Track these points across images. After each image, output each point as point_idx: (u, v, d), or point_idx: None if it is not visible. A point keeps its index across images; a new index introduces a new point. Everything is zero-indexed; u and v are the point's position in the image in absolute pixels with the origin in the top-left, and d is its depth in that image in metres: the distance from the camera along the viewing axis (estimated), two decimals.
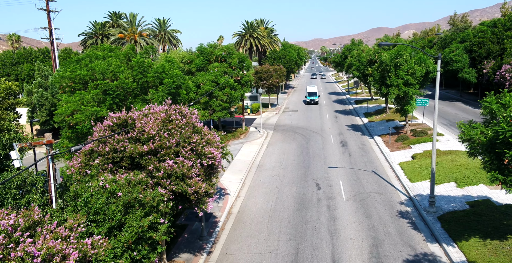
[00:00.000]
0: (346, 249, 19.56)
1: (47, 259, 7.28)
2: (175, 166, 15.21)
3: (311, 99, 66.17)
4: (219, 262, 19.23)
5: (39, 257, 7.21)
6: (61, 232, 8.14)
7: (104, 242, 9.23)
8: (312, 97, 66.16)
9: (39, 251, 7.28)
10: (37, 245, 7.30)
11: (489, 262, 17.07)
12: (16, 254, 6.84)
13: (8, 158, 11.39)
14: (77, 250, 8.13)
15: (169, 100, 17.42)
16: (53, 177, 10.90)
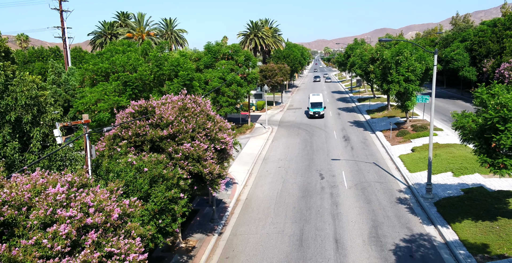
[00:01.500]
0: (347, 230, 21.04)
1: (99, 209, 8.80)
2: (191, 149, 16.76)
3: (315, 111, 53.18)
4: (229, 241, 20.75)
5: (93, 207, 8.74)
6: (105, 193, 9.67)
7: (139, 204, 10.76)
8: (316, 109, 53.33)
9: (93, 202, 8.81)
10: (89, 198, 8.84)
11: (479, 240, 18.50)
12: (76, 203, 8.37)
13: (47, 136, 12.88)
14: (119, 207, 9.65)
15: (184, 91, 18.98)
16: (89, 153, 12.45)
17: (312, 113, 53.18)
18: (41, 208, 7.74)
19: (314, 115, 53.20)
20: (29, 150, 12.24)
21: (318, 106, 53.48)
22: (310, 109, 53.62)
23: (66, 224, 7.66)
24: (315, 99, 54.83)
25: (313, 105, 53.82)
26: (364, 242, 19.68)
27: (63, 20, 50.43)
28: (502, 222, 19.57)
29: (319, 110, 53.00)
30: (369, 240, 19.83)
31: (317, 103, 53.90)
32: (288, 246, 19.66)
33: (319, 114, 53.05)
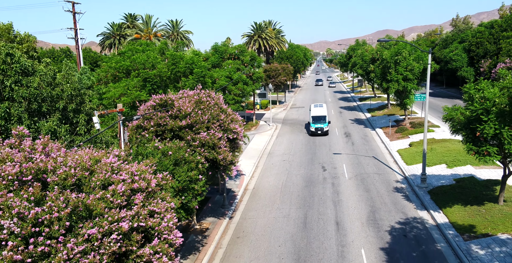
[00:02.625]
0: (347, 214, 22.95)
1: (142, 177, 10.73)
2: (207, 137, 18.71)
3: (318, 128, 42.72)
4: (239, 224, 22.69)
5: (137, 175, 10.69)
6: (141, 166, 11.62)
7: (170, 177, 12.70)
8: (319, 125, 42.85)
9: (137, 172, 10.75)
10: (134, 168, 10.79)
11: (467, 222, 20.39)
12: (124, 171, 10.32)
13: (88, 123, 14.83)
14: (155, 179, 11.60)
15: (199, 86, 20.97)
16: (122, 137, 14.39)
17: (313, 129, 42.84)
18: (100, 172, 9.69)
19: (315, 132, 42.76)
20: (76, 132, 14.21)
21: (321, 120, 43.29)
22: (311, 125, 43.23)
23: (121, 185, 9.62)
24: (318, 112, 44.24)
25: (315, 120, 43.44)
26: (363, 224, 21.59)
27: (75, 22, 52.44)
28: (488, 206, 21.46)
29: (323, 126, 42.63)
30: (367, 223, 21.75)
31: (320, 117, 43.48)
32: (293, 228, 21.59)
33: (323, 131, 42.52)
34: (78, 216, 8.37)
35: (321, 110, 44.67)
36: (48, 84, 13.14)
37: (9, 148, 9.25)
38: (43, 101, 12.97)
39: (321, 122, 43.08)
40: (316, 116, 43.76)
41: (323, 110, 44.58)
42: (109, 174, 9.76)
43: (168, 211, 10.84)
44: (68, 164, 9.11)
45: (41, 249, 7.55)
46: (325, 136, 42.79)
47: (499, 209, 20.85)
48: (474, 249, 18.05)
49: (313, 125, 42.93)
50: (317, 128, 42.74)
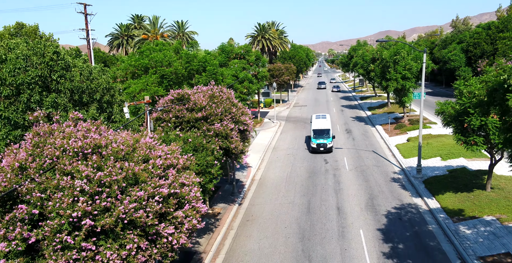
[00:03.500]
0: (347, 201, 24.92)
1: (172, 156, 12.71)
2: (221, 128, 20.70)
3: (320, 143, 35.98)
4: (248, 209, 24.68)
5: (169, 154, 12.67)
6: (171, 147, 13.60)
7: (193, 158, 14.69)
8: (321, 140, 36.22)
9: (169, 151, 12.74)
10: (166, 148, 12.78)
11: (457, 206, 22.33)
12: (157, 151, 12.31)
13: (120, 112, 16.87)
14: (181, 159, 13.57)
15: (213, 82, 22.97)
16: (149, 125, 16.36)
17: (315, 145, 35.87)
18: (141, 149, 11.68)
19: (317, 149, 35.82)
20: (112, 120, 16.21)
21: (324, 135, 36.42)
22: (312, 140, 36.35)
23: (159, 160, 11.62)
24: (320, 124, 37.62)
25: (316, 134, 36.70)
26: (361, 209, 23.56)
27: (87, 23, 54.50)
28: (476, 193, 23.40)
29: (325, 141, 35.78)
30: (365, 208, 23.71)
31: (323, 131, 36.74)
32: (298, 212, 23.56)
33: (326, 148, 35.63)
34: (128, 182, 10.37)
35: (323, 122, 38.15)
36: (86, 78, 15.13)
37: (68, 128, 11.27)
38: (83, 93, 14.96)
39: (323, 136, 36.26)
40: (317, 130, 36.95)
41: (326, 122, 38.07)
42: (148, 151, 11.76)
43: (194, 185, 12.84)
44: (118, 141, 11.12)
45: (104, 204, 9.54)
46: (329, 153, 36.09)
47: (486, 195, 22.79)
48: (462, 229, 19.99)
49: (314, 140, 36.31)
50: (319, 144, 35.83)
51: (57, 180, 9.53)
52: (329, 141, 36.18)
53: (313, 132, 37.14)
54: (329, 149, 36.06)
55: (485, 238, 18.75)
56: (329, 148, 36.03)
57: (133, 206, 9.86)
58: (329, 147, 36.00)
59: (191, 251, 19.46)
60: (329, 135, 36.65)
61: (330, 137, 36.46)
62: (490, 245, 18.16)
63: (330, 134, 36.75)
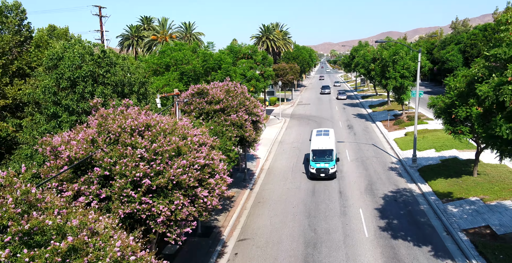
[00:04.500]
0: (349, 186, 27.59)
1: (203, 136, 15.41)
2: (236, 118, 23.41)
3: (321, 168, 28.62)
4: (259, 193, 27.38)
5: (201, 134, 15.38)
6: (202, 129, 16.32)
7: (218, 140, 17.40)
8: (322, 163, 28.81)
9: (201, 132, 15.45)
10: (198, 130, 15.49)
11: (446, 190, 24.97)
12: (192, 131, 15.02)
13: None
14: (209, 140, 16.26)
15: (228, 78, 25.70)
16: (177, 114, 19.05)
17: (314, 170, 28.62)
18: (180, 129, 14.40)
19: (317, 175, 28.53)
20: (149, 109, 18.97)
21: (326, 157, 29.04)
22: (311, 163, 28.96)
23: (195, 137, 14.35)
24: (321, 143, 30.17)
25: (316, 155, 29.28)
26: (361, 193, 26.24)
27: (102, 25, 57.40)
28: (464, 178, 26.04)
29: (327, 165, 28.49)
30: (365, 192, 26.39)
31: (324, 152, 29.34)
32: (304, 195, 26.25)
33: (327, 174, 28.40)
34: (173, 153, 13.09)
35: (325, 140, 30.48)
36: (127, 73, 17.83)
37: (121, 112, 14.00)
38: (124, 85, 17.65)
39: (325, 159, 28.87)
40: (318, 151, 29.45)
41: (329, 141, 30.42)
42: (185, 131, 14.50)
43: (221, 161, 15.56)
44: (163, 122, 13.86)
45: (158, 168, 12.27)
46: (331, 180, 28.63)
47: (473, 180, 25.43)
48: (449, 208, 22.64)
49: (314, 163, 28.71)
50: (319, 170, 28.35)
51: (122, 150, 12.26)
52: (331, 165, 28.45)
53: (312, 153, 29.46)
54: (331, 175, 28.38)
55: (469, 215, 21.40)
56: (331, 174, 28.36)
57: (179, 171, 12.58)
58: (331, 172, 28.35)
59: (211, 226, 22.18)
60: (332, 157, 28.96)
61: (333, 160, 28.79)
62: (472, 220, 20.81)
63: (333, 155, 29.05)
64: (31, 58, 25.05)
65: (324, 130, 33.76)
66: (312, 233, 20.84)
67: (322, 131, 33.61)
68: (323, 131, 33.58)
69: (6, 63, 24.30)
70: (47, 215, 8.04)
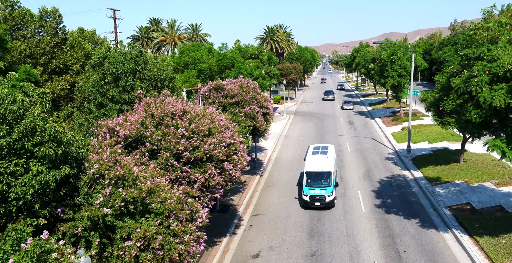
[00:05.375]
0: (349, 173, 30.69)
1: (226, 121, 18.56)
2: (249, 110, 26.55)
3: (316, 196, 23.79)
4: (268, 179, 30.50)
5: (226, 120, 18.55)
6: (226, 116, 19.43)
7: (237, 126, 20.55)
8: (317, 190, 23.92)
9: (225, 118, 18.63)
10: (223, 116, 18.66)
11: (436, 175, 28.02)
12: (218, 117, 18.16)
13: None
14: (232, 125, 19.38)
15: (241, 75, 28.84)
16: (201, 104, 22.15)
17: (307, 198, 23.94)
18: (209, 115, 17.53)
19: (311, 203, 23.87)
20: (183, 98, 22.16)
21: (323, 181, 24.37)
22: (304, 189, 24.21)
23: (222, 121, 17.49)
24: (317, 164, 25.37)
25: (311, 178, 24.74)
26: (360, 178, 29.33)
27: (116, 26, 60.68)
28: (452, 165, 29.10)
29: (323, 192, 23.75)
30: (363, 177, 29.49)
31: (321, 175, 24.74)
32: None
33: (323, 202, 23.66)
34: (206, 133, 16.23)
35: (323, 160, 25.49)
36: (159, 70, 20.95)
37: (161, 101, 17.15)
38: (157, 80, 20.80)
39: (321, 183, 24.12)
40: (312, 173, 24.76)
41: (327, 161, 25.45)
42: (213, 116, 17.66)
43: (241, 143, 18.70)
44: (196, 109, 17.03)
45: (195, 144, 15.40)
46: (328, 209, 23.85)
47: (459, 166, 28.50)
48: (437, 190, 25.72)
49: (307, 189, 23.99)
50: (313, 197, 23.65)
51: (166, 129, 15.41)
52: (329, 191, 23.62)
53: (305, 175, 24.73)
54: (328, 204, 23.55)
55: (453, 195, 24.48)
56: (328, 203, 23.51)
57: (211, 147, 15.71)
58: (328, 201, 23.48)
59: (228, 204, 25.32)
60: (330, 181, 24.14)
61: (331, 185, 23.89)
62: (456, 198, 23.90)
63: (331, 179, 24.20)
64: (66, 57, 28.29)
65: (322, 147, 28.20)
66: (315, 212, 23.95)
67: (320, 148, 28.08)
68: (321, 148, 28.05)
69: (46, 62, 27.58)
70: (127, 168, 11.20)
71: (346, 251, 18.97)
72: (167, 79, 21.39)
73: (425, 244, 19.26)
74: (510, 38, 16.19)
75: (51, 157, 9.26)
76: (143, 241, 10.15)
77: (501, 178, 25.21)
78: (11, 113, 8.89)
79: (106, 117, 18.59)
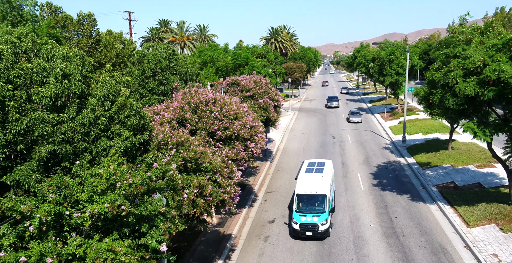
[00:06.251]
0: (350, 160, 34.40)
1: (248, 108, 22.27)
2: (262, 103, 30.28)
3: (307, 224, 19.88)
4: (278, 164, 34.23)
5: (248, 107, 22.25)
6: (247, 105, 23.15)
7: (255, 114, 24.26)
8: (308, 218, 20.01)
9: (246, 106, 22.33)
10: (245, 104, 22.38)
11: (426, 160, 31.69)
12: (242, 104, 21.88)
13: None
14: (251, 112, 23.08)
15: (254, 72, 32.59)
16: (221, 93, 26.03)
17: (298, 226, 20.14)
18: (234, 103, 21.24)
19: (302, 233, 20.03)
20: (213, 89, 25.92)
21: (317, 206, 20.75)
22: (294, 215, 20.56)
23: (244, 108, 21.20)
24: (310, 185, 21.52)
25: (303, 201, 21.04)
26: (360, 163, 33.05)
27: (131, 28, 64.53)
28: (441, 152, 32.79)
29: (316, 219, 20.00)
30: (362, 163, 33.20)
31: (314, 199, 20.98)
32: None
33: (315, 232, 19.87)
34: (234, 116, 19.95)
35: (317, 180, 21.78)
36: (188, 66, 24.68)
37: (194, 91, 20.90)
38: (186, 75, 24.55)
39: (314, 208, 20.57)
40: (304, 196, 21.14)
41: (322, 181, 21.71)
42: (237, 104, 21.41)
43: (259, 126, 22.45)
44: (224, 98, 20.77)
45: (226, 125, 19.12)
46: (321, 240, 20.20)
47: (447, 153, 32.20)
48: (427, 172, 29.41)
49: (297, 215, 20.41)
50: (304, 226, 19.95)
51: (202, 113, 19.14)
52: (323, 218, 19.95)
53: (296, 198, 21.10)
54: (321, 235, 19.82)
55: (440, 176, 28.18)
56: (321, 233, 19.77)
57: (238, 127, 19.45)
58: (322, 230, 19.73)
59: (244, 184, 29.04)
60: (325, 205, 20.44)
61: (325, 211, 20.23)
62: (442, 178, 27.59)
63: (326, 204, 20.47)
64: (100, 56, 32.08)
65: (318, 163, 24.30)
66: None
67: (315, 164, 24.24)
68: (316, 164, 24.20)
69: None
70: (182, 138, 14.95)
71: (347, 218, 22.70)
72: (194, 74, 25.15)
73: (413, 213, 22.98)
74: (480, 40, 19.84)
75: (135, 126, 12.98)
76: (198, 189, 13.89)
77: (482, 162, 28.90)
78: (111, 93, 12.63)
79: (147, 106, 22.34)
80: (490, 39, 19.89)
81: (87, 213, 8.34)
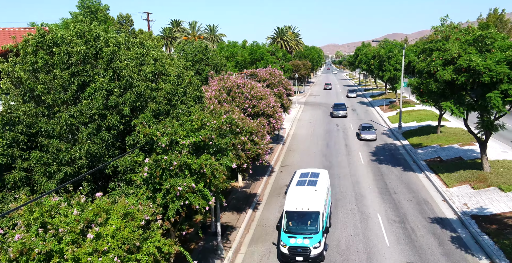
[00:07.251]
0: (352, 142, 39.45)
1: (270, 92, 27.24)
2: (277, 91, 35.34)
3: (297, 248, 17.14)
4: (289, 147, 39.29)
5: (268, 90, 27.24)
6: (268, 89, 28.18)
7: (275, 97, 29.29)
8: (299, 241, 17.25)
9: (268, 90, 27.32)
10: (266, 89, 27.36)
11: (418, 142, 36.69)
12: (264, 89, 26.89)
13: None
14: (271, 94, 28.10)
15: (269, 66, 37.66)
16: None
17: (286, 249, 17.32)
18: (257, 87, 26.24)
19: (292, 258, 17.22)
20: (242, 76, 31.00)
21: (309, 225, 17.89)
22: (282, 237, 17.73)
23: (267, 91, 26.22)
24: (301, 201, 18.58)
25: (292, 220, 18.17)
26: (360, 145, 38.11)
27: (149, 28, 69.70)
28: (431, 135, 37.82)
29: (307, 242, 17.24)
30: (363, 144, 38.25)
31: (306, 217, 18.14)
32: (321, 147, 38.12)
33: (307, 256, 17.05)
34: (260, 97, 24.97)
35: (309, 194, 18.97)
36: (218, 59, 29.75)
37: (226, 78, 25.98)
38: (217, 66, 29.61)
39: (305, 228, 17.88)
40: (294, 213, 18.41)
41: (315, 196, 18.85)
42: (259, 89, 26.47)
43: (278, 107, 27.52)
44: (251, 83, 25.85)
45: (255, 104, 24.16)
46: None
47: (437, 136, 37.21)
48: (418, 151, 34.42)
49: (286, 237, 17.75)
50: (293, 250, 17.32)
51: (235, 94, 24.19)
52: (315, 241, 17.35)
53: (285, 216, 18.45)
54: (314, 259, 17.23)
55: (429, 153, 33.20)
56: (314, 257, 17.21)
57: (264, 106, 24.52)
58: (314, 254, 17.17)
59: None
60: (318, 225, 17.84)
61: (319, 231, 17.66)
62: (430, 155, 32.60)
63: (319, 222, 17.88)
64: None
65: (311, 174, 21.37)
66: (328, 163, 32.77)
67: (308, 175, 21.23)
68: (310, 175, 21.20)
69: None
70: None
71: (349, 183, 27.75)
72: (222, 65, 30.26)
73: (404, 179, 28.02)
74: (457, 37, 24.85)
75: (197, 98, 18.04)
76: (242, 145, 18.96)
77: (465, 142, 33.92)
78: (181, 73, 17.70)
79: None
80: (464, 35, 24.91)
81: (187, 142, 13.40)
